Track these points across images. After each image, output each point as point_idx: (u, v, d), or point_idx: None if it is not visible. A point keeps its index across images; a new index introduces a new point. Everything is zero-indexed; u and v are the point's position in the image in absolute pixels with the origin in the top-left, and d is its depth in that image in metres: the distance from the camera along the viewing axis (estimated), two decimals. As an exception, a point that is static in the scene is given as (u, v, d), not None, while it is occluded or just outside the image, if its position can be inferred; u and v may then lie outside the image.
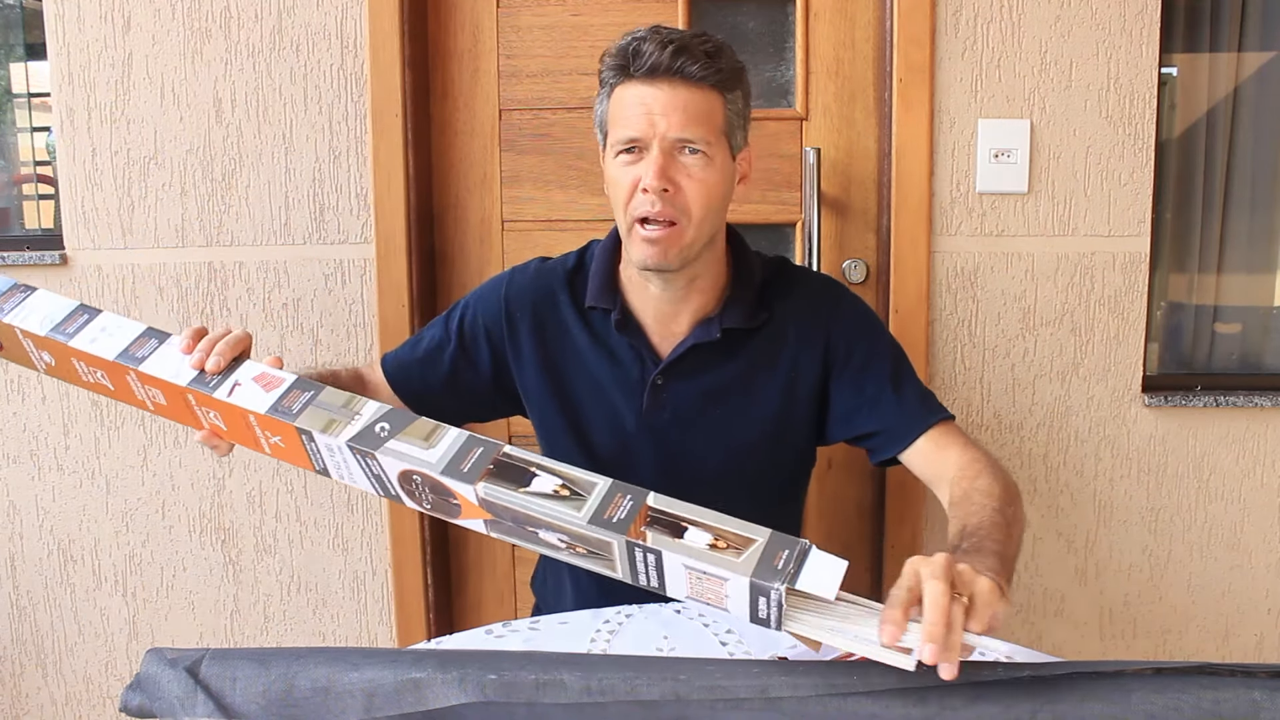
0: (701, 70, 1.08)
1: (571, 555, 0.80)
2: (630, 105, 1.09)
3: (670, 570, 0.76)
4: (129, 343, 0.92)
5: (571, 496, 0.78)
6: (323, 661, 0.74)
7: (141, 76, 1.74)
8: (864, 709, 0.70)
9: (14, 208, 2.06)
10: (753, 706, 0.71)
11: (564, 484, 0.78)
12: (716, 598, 0.76)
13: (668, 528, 0.75)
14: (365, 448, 0.83)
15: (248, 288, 1.78)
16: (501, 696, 0.71)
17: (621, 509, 0.77)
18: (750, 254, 1.23)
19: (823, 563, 0.73)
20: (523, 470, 0.80)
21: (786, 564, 0.73)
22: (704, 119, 1.09)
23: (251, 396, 0.89)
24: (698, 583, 0.75)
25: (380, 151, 1.72)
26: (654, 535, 0.75)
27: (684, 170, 1.09)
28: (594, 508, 0.77)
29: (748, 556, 0.73)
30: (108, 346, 0.92)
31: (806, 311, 1.21)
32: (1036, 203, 1.67)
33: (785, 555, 0.73)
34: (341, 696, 0.72)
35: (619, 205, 1.12)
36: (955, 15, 1.65)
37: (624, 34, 1.12)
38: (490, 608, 1.91)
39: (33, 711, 1.94)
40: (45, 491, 1.87)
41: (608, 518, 0.76)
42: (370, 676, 0.73)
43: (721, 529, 0.76)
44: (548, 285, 1.24)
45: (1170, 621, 1.77)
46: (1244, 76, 1.78)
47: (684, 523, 0.76)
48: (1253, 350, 1.85)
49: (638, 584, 0.79)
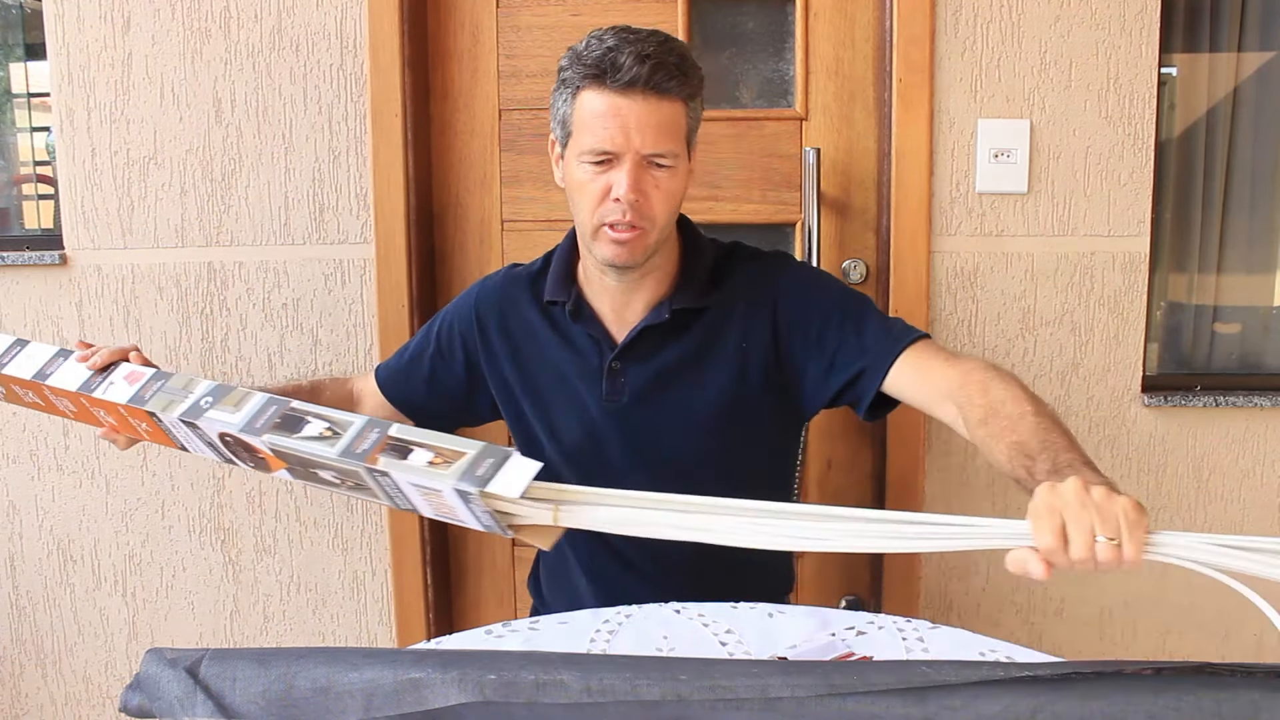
0: (676, 85, 1.12)
1: (346, 490, 0.90)
2: (604, 115, 1.11)
3: (406, 490, 0.84)
4: (43, 363, 1.07)
5: (332, 436, 0.87)
6: (323, 661, 0.74)
7: (141, 76, 1.74)
8: (864, 709, 0.70)
9: (14, 208, 2.06)
10: (753, 706, 0.71)
11: (329, 426, 0.88)
12: (450, 511, 0.84)
13: (399, 452, 0.83)
14: (190, 419, 0.94)
15: (247, 288, 1.78)
16: (501, 696, 0.71)
17: (368, 441, 0.85)
18: (700, 238, 1.27)
19: (518, 466, 0.80)
20: (300, 420, 0.90)
21: (487, 471, 0.80)
22: (673, 131, 1.13)
23: (120, 391, 1.02)
24: (427, 499, 0.84)
25: (380, 151, 1.72)
26: (385, 459, 0.83)
27: (653, 181, 1.13)
28: (347, 443, 0.86)
29: (455, 467, 0.81)
30: (27, 368, 1.07)
31: (752, 284, 1.24)
32: (1036, 203, 1.67)
33: (488, 463, 0.80)
34: (341, 696, 0.72)
35: (585, 207, 1.15)
36: (955, 15, 1.65)
37: (590, 34, 1.14)
38: (490, 608, 1.91)
39: (32, 711, 1.94)
40: (45, 491, 1.87)
41: (354, 450, 0.85)
42: (370, 676, 0.73)
43: (441, 447, 0.83)
44: (512, 290, 1.30)
45: (1170, 621, 1.77)
46: (1244, 76, 1.78)
47: (413, 446, 0.84)
48: (1253, 350, 1.85)
49: (399, 507, 0.89)
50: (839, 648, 0.99)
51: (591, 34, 1.14)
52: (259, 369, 1.79)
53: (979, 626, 1.73)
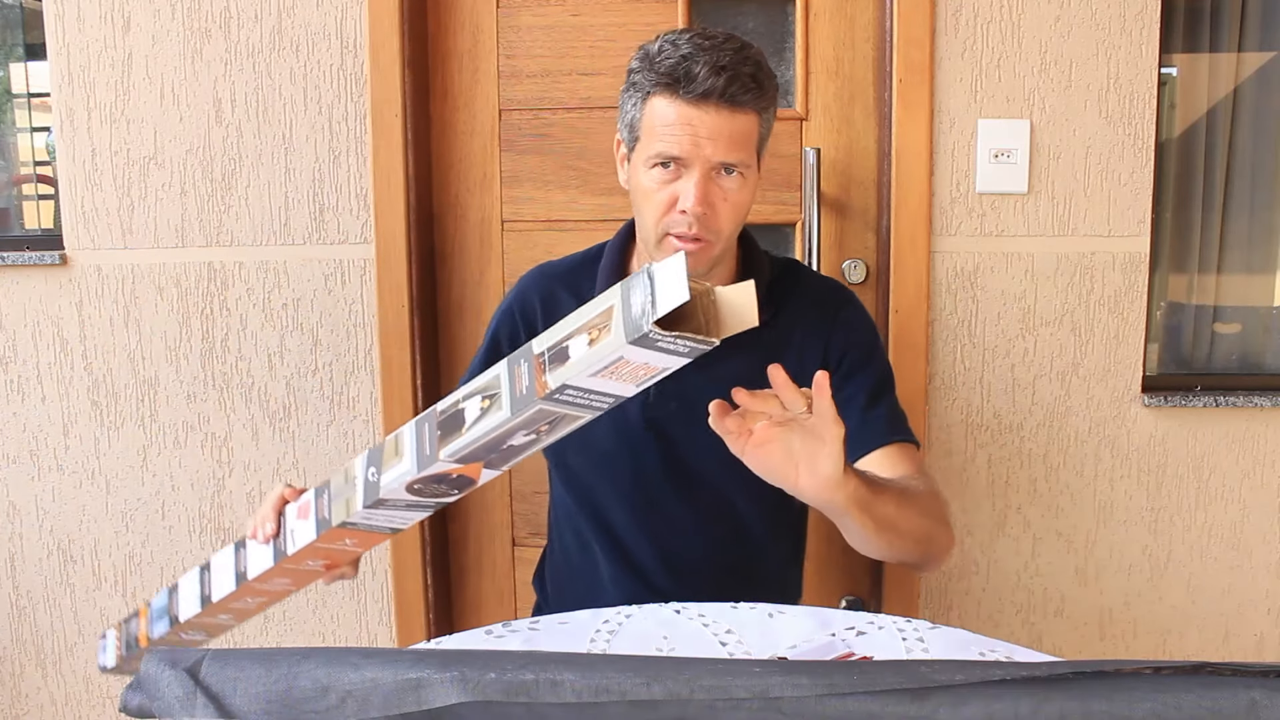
0: (751, 98, 1.08)
1: (545, 438, 0.81)
2: (675, 124, 1.07)
3: (596, 387, 0.75)
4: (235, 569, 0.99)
5: (491, 403, 0.78)
6: (323, 661, 0.74)
7: (141, 76, 1.75)
8: (864, 709, 0.70)
9: (14, 208, 2.06)
10: (753, 706, 0.71)
11: (482, 398, 0.79)
12: (648, 371, 0.74)
13: (558, 360, 0.74)
14: (371, 500, 0.86)
15: (247, 288, 1.78)
16: (501, 696, 0.71)
17: (523, 377, 0.76)
18: (760, 252, 1.24)
19: (665, 273, 0.70)
20: (456, 415, 0.80)
21: (644, 303, 0.70)
22: (744, 142, 1.09)
23: (304, 531, 0.93)
24: (619, 375, 0.74)
25: (380, 151, 1.72)
26: (552, 375, 0.74)
27: (721, 193, 1.10)
28: (509, 396, 0.76)
29: (615, 325, 0.71)
30: (226, 582, 0.99)
31: (812, 312, 1.22)
32: (1036, 203, 1.67)
33: (639, 295, 0.71)
34: (342, 696, 0.72)
35: (649, 216, 1.12)
36: (955, 15, 1.65)
37: (663, 36, 1.10)
38: (490, 608, 1.91)
39: (32, 711, 1.94)
40: (45, 491, 1.87)
41: (519, 394, 0.76)
42: (370, 676, 0.73)
43: (588, 322, 0.73)
44: (550, 285, 1.27)
45: (1170, 621, 1.77)
46: (1244, 76, 1.78)
47: (564, 343, 0.74)
48: (1253, 350, 1.85)
49: (604, 411, 0.79)
50: (839, 648, 0.99)
51: (665, 37, 1.10)
52: (259, 369, 1.79)
53: (979, 626, 1.73)
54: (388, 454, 0.85)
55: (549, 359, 0.74)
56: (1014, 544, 1.74)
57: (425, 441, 0.82)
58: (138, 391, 1.82)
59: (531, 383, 0.75)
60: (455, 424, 0.80)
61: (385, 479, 0.84)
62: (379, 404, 1.78)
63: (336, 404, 1.80)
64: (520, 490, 1.86)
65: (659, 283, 0.69)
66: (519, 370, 0.76)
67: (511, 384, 0.76)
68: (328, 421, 1.80)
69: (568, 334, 0.74)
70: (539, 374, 0.74)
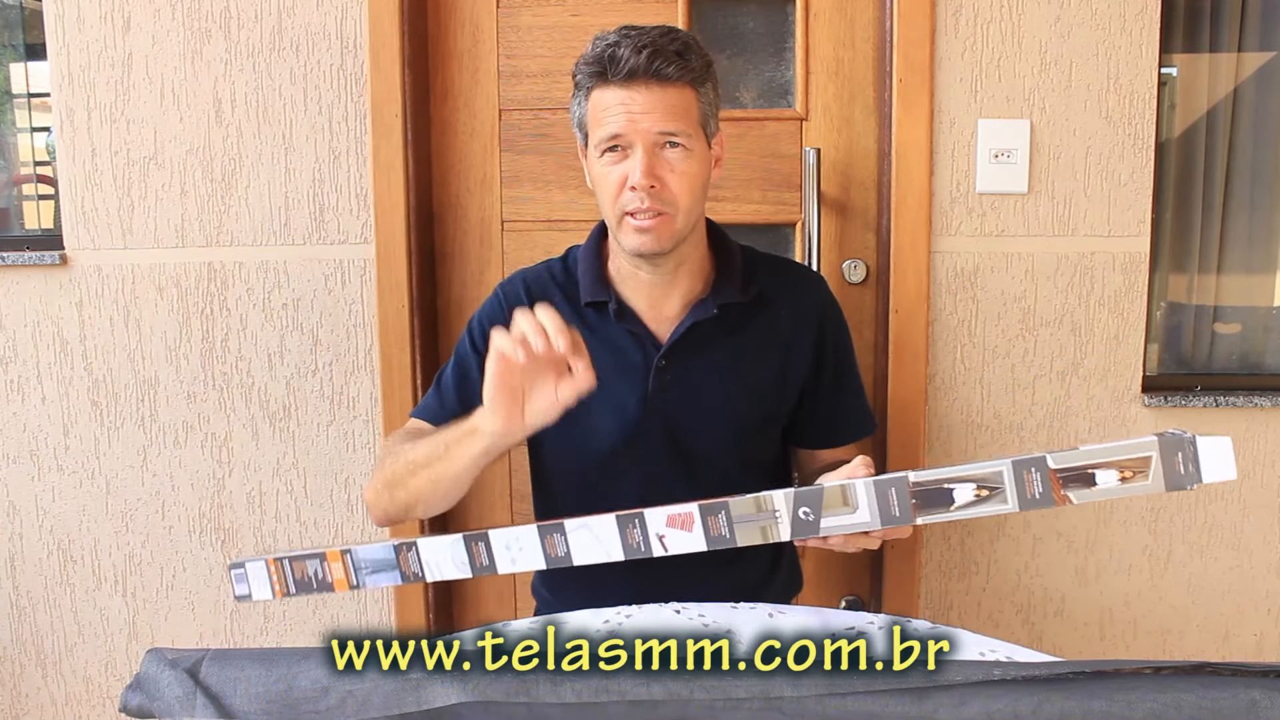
0: (676, 70, 1.13)
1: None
2: (610, 107, 1.13)
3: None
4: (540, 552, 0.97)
5: (991, 494, 0.83)
6: (323, 662, 0.74)
7: (141, 76, 1.74)
8: (864, 708, 0.70)
9: (14, 208, 2.06)
10: (753, 706, 0.71)
11: (977, 485, 0.84)
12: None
13: (1080, 480, 0.81)
14: (803, 537, 0.89)
15: (248, 288, 1.78)
16: (501, 696, 0.71)
17: (1036, 484, 0.82)
18: (727, 239, 1.30)
19: (1211, 449, 0.78)
20: (940, 490, 0.85)
21: (1188, 466, 0.78)
22: (682, 114, 1.14)
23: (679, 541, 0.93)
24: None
25: (380, 151, 1.72)
26: (1074, 494, 0.81)
27: (667, 165, 1.14)
28: (1015, 494, 0.82)
29: (1154, 474, 0.79)
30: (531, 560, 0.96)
31: (795, 290, 1.29)
32: (1036, 203, 1.67)
33: (1180, 459, 0.78)
34: (342, 696, 0.72)
35: (606, 201, 1.17)
36: (955, 15, 1.65)
37: (594, 38, 1.16)
38: (490, 608, 1.91)
39: (32, 711, 1.94)
40: (45, 491, 1.87)
41: (1030, 497, 0.82)
42: (370, 676, 0.73)
43: (1117, 460, 0.80)
44: (540, 289, 1.29)
45: (1170, 621, 1.77)
46: (1244, 76, 1.78)
47: (1089, 469, 0.80)
48: (1253, 350, 1.85)
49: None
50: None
51: (597, 36, 1.16)
52: (259, 369, 1.79)
53: (979, 626, 1.73)
54: (829, 501, 0.88)
55: (1070, 477, 0.81)
56: (1014, 544, 1.74)
57: (892, 504, 0.86)
58: (138, 391, 1.82)
59: (1048, 491, 0.82)
60: (940, 500, 0.85)
61: (827, 521, 0.88)
62: (379, 404, 1.78)
63: (336, 404, 1.80)
64: (520, 490, 1.86)
65: (1204, 453, 0.78)
66: (1029, 476, 0.82)
67: (1020, 487, 0.83)
68: (328, 421, 1.80)
69: (1095, 460, 0.81)
70: (1056, 487, 0.82)
